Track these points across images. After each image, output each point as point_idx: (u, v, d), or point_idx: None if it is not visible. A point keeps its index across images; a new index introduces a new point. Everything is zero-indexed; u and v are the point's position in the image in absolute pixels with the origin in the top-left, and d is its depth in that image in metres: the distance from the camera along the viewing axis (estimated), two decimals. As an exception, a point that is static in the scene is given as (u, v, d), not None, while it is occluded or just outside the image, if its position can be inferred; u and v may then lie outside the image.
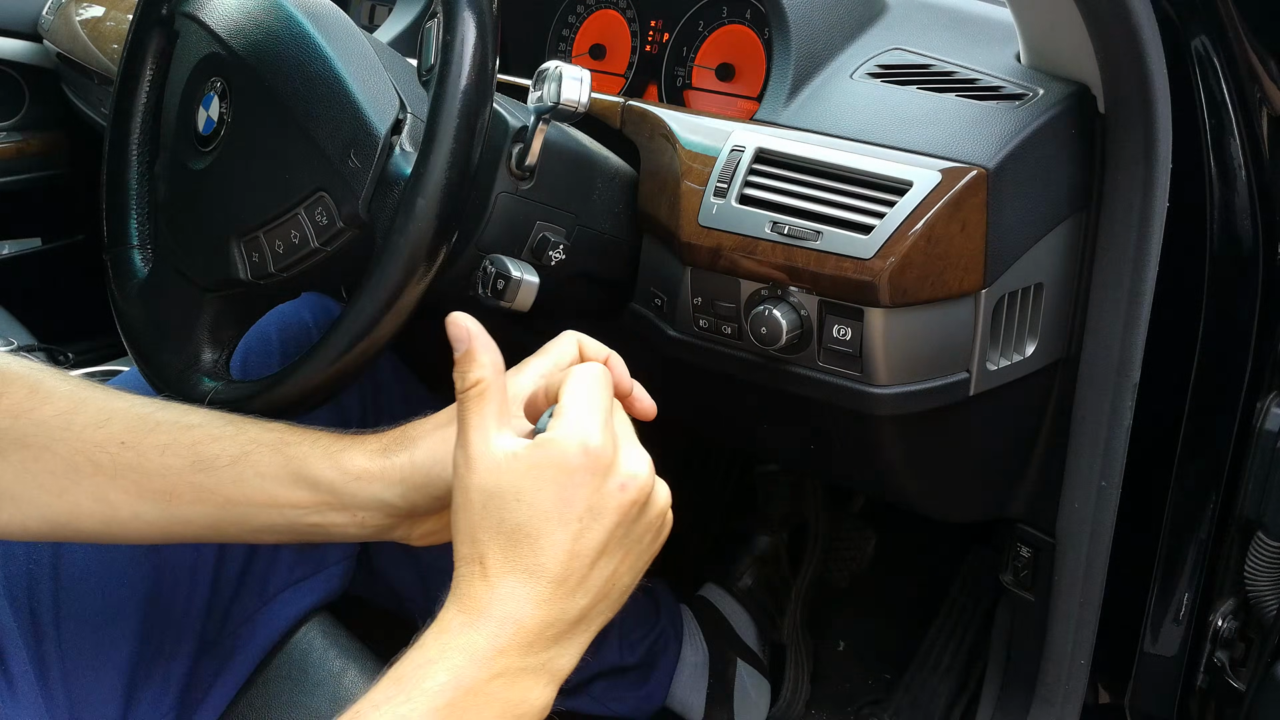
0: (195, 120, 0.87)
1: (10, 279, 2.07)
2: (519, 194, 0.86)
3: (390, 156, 0.76)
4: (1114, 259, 0.89)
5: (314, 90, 0.79)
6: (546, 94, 0.80)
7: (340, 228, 0.78)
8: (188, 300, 0.88)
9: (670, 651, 1.36)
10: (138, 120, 0.97)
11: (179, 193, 0.90)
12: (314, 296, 1.09)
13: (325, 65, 0.80)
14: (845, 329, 0.84)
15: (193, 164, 0.87)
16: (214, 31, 0.86)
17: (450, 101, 0.70)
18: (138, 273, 0.95)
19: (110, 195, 0.97)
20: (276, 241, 0.81)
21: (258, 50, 0.83)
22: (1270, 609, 0.93)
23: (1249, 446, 0.91)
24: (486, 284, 0.84)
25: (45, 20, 1.96)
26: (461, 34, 0.71)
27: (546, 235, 0.88)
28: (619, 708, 1.32)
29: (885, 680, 1.50)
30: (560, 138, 0.90)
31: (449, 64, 0.71)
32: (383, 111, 0.78)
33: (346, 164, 0.77)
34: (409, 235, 0.71)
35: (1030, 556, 1.06)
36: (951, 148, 0.84)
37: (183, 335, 0.88)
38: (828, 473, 1.26)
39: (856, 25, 0.99)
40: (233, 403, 0.81)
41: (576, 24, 1.20)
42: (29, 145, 2.04)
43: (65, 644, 0.85)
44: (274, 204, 0.81)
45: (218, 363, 0.88)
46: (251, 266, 0.83)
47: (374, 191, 0.76)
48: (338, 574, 1.02)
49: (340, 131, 0.78)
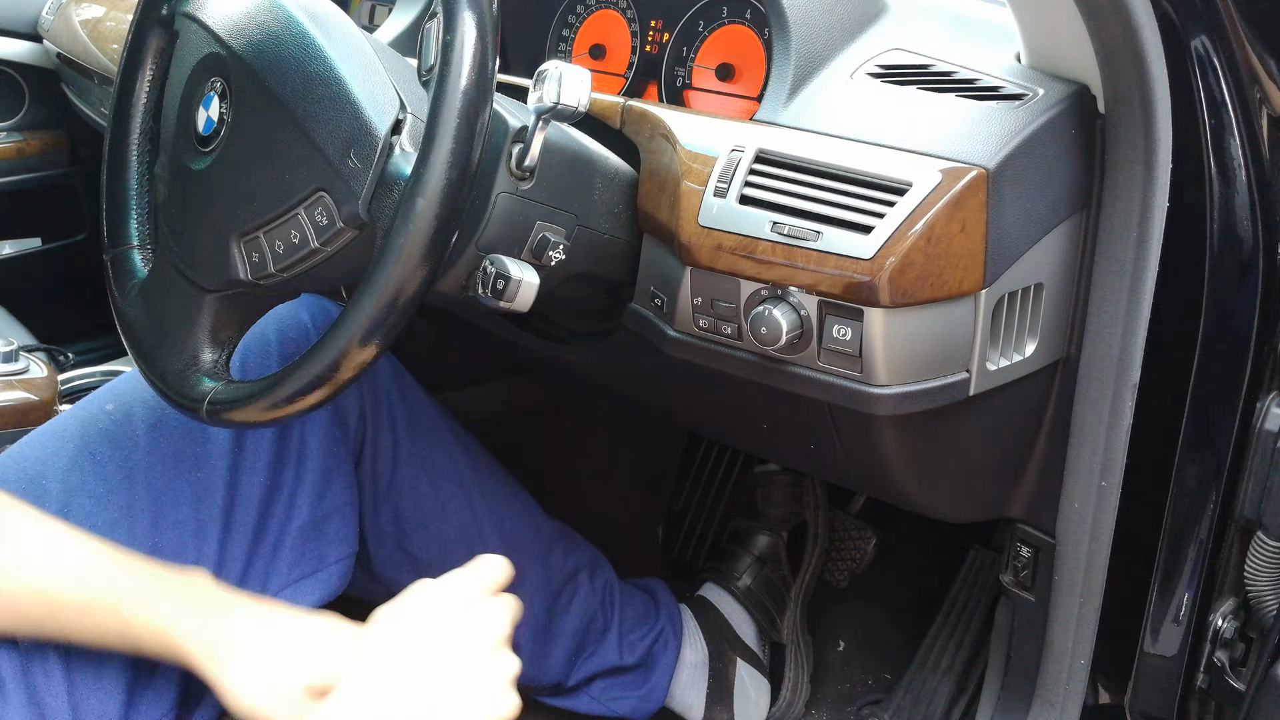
0: (195, 120, 0.87)
1: (10, 279, 2.07)
2: (519, 194, 0.86)
3: (390, 156, 0.76)
4: (1114, 259, 0.89)
5: (314, 90, 0.79)
6: (546, 94, 0.80)
7: (340, 228, 0.78)
8: (188, 300, 0.88)
9: (670, 651, 1.36)
10: (137, 121, 0.97)
11: (179, 193, 0.90)
12: (313, 298, 1.09)
13: (325, 65, 0.80)
14: (845, 329, 0.84)
15: (193, 164, 0.87)
16: (214, 32, 0.86)
17: (450, 101, 0.70)
18: (137, 273, 0.95)
19: (110, 195, 0.97)
20: (277, 242, 0.81)
21: (258, 50, 0.83)
22: (1270, 609, 0.93)
23: (1249, 446, 0.91)
24: (486, 284, 0.84)
25: (45, 20, 1.96)
26: (461, 34, 0.71)
27: (547, 235, 0.88)
28: (619, 707, 1.32)
29: (885, 680, 1.50)
30: (560, 138, 0.90)
31: (449, 64, 0.71)
32: (383, 112, 0.78)
33: (346, 164, 0.77)
34: (410, 235, 0.71)
35: (1030, 556, 1.06)
36: (951, 148, 0.84)
37: (182, 335, 0.88)
38: (828, 473, 1.26)
39: (856, 25, 0.99)
40: (232, 402, 0.81)
41: (576, 24, 1.20)
42: (29, 145, 2.04)
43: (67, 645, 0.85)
44: (274, 204, 0.81)
45: (217, 363, 0.88)
46: (251, 267, 0.83)
47: (374, 191, 0.76)
48: (337, 574, 1.02)
49: (340, 131, 0.78)
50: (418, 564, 1.15)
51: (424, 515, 1.14)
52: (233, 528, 0.96)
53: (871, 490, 1.27)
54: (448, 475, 1.16)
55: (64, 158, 2.10)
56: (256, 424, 0.80)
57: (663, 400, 1.21)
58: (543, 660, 1.24)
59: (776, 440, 1.13)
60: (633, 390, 1.20)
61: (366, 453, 1.10)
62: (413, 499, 1.13)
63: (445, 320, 1.27)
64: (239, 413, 0.80)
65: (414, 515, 1.14)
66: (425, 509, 1.14)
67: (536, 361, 1.24)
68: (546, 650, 1.24)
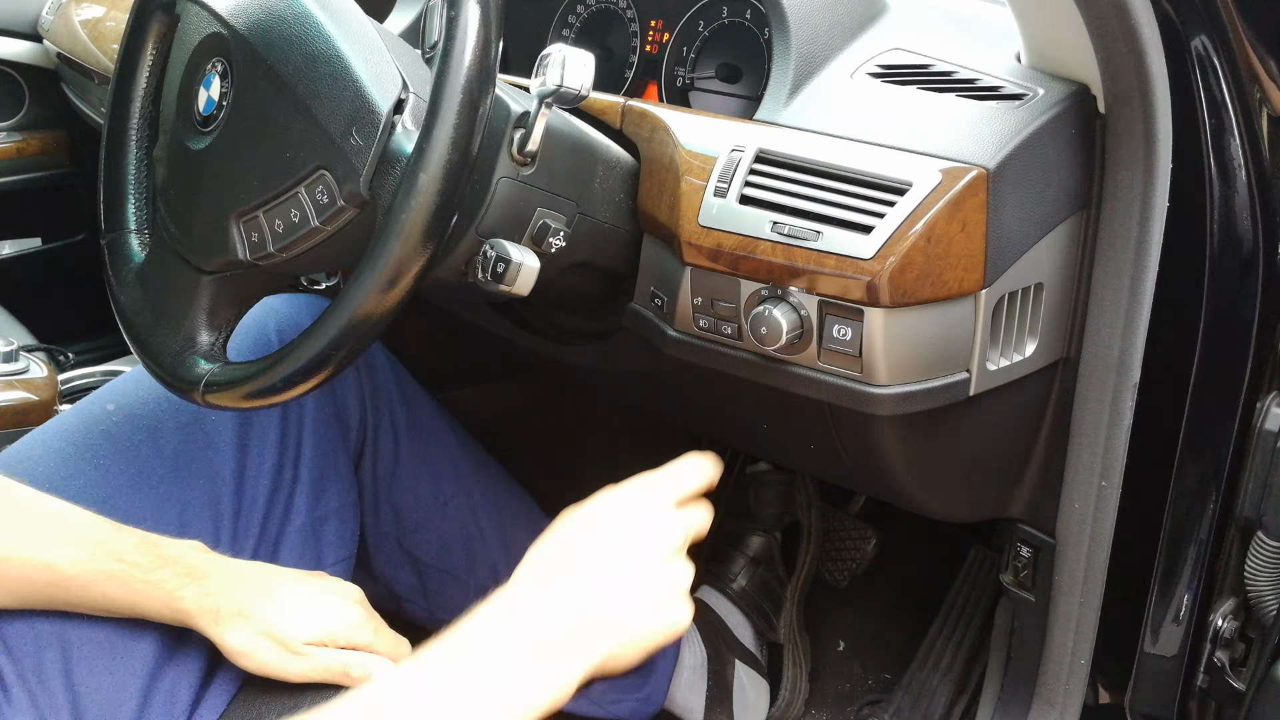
0: (196, 101, 0.87)
1: (10, 279, 2.07)
2: (520, 179, 0.86)
3: (392, 134, 0.76)
4: (1114, 259, 0.89)
5: (316, 69, 0.79)
6: (550, 78, 0.80)
7: (341, 206, 0.78)
8: (185, 283, 0.88)
9: (669, 654, 1.36)
10: (137, 105, 0.96)
11: (178, 174, 0.89)
12: (314, 299, 1.09)
13: (328, 43, 0.80)
14: (845, 329, 0.84)
15: (193, 144, 0.86)
16: (216, 12, 0.86)
17: (454, 76, 0.70)
18: (134, 257, 0.94)
19: (108, 180, 0.96)
20: (276, 221, 0.81)
21: (260, 29, 0.83)
22: (1270, 609, 0.93)
23: (1249, 446, 0.91)
24: (486, 268, 0.83)
25: (45, 20, 1.96)
26: (465, 10, 0.71)
27: (547, 222, 0.88)
28: (618, 710, 1.32)
29: (885, 680, 1.50)
30: (562, 124, 0.90)
31: (453, 39, 0.71)
32: (385, 90, 0.77)
33: (348, 141, 0.77)
34: (411, 211, 0.71)
35: (1030, 556, 1.06)
36: (951, 148, 0.84)
37: (179, 318, 0.88)
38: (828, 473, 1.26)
39: (856, 25, 0.99)
40: (229, 383, 0.81)
41: (576, 24, 1.20)
42: (29, 145, 2.04)
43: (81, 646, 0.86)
44: (274, 183, 0.80)
45: (214, 345, 0.87)
46: (250, 247, 0.82)
47: (376, 169, 0.75)
48: (337, 574, 1.02)
49: (342, 109, 0.77)
50: (418, 564, 1.15)
51: (424, 515, 1.14)
52: (238, 531, 0.96)
53: (871, 490, 1.27)
54: (448, 475, 1.16)
55: (64, 158, 2.10)
56: (253, 406, 0.80)
57: (662, 400, 1.21)
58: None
59: (776, 440, 1.13)
60: (633, 390, 1.20)
61: (366, 453, 1.10)
62: (413, 499, 1.13)
63: (445, 320, 1.27)
64: (234, 393, 0.80)
65: (414, 515, 1.14)
66: (425, 509, 1.15)
67: (536, 361, 1.24)
68: (546, 651, 1.24)
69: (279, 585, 0.89)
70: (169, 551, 0.87)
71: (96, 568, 0.84)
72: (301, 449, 1.01)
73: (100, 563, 0.84)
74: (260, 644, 0.86)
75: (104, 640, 0.87)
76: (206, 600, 0.86)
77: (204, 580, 0.86)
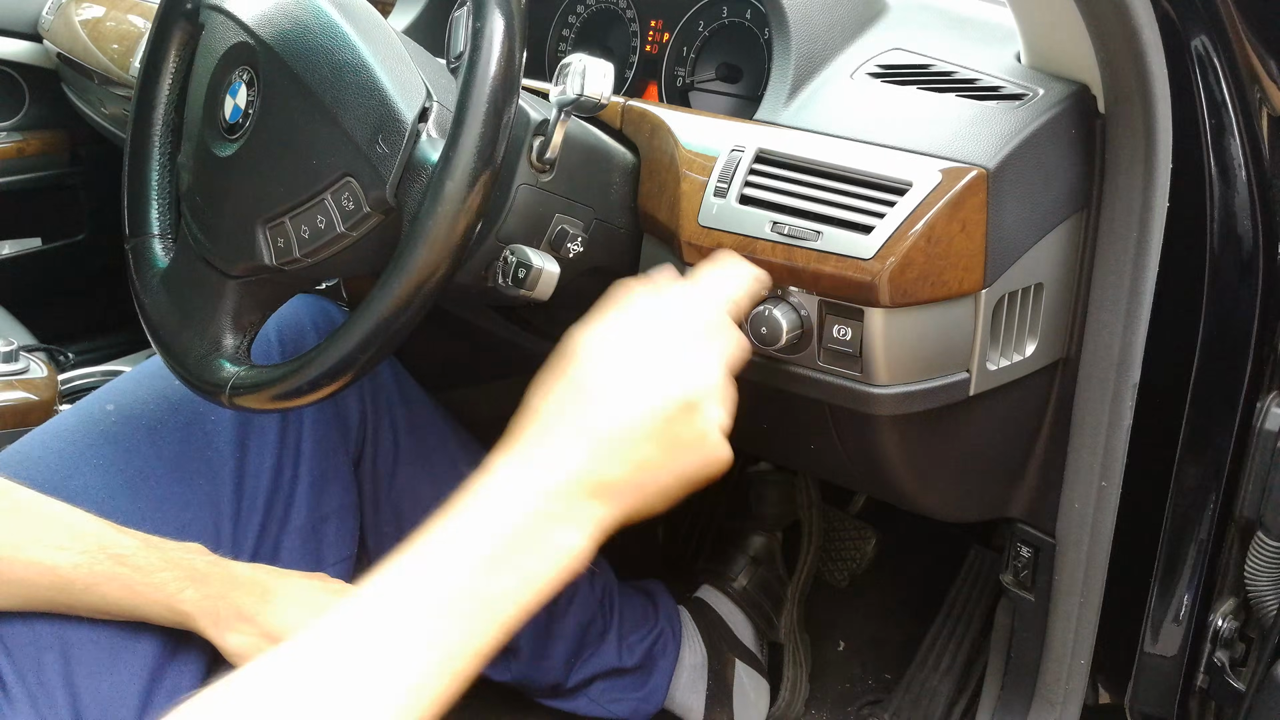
0: (222, 109, 0.88)
1: (10, 279, 2.06)
2: (539, 186, 0.87)
3: (418, 143, 0.77)
4: (1114, 259, 0.89)
5: (342, 78, 0.81)
6: (570, 87, 0.81)
7: (366, 212, 0.79)
8: (210, 287, 0.89)
9: (669, 653, 1.36)
10: (160, 112, 0.98)
11: (204, 180, 0.90)
12: (314, 300, 1.09)
13: (354, 54, 0.81)
14: (845, 329, 0.84)
15: (219, 151, 0.87)
16: (242, 22, 0.88)
17: (480, 85, 0.72)
18: (158, 262, 0.95)
19: (131, 186, 0.98)
20: (302, 227, 0.82)
21: (286, 39, 0.84)
22: (1270, 609, 0.93)
23: (1249, 446, 0.91)
24: (507, 273, 0.84)
25: (45, 20, 1.96)
26: (491, 21, 0.72)
27: (565, 228, 0.89)
28: (618, 709, 1.32)
29: (885, 680, 1.50)
30: (580, 132, 0.91)
31: (479, 50, 0.72)
32: (410, 98, 0.79)
33: (374, 149, 0.78)
34: (438, 217, 0.72)
35: (1030, 556, 1.06)
36: (951, 148, 0.84)
37: (205, 321, 0.89)
38: (828, 472, 1.26)
39: (856, 25, 0.99)
40: (256, 386, 0.82)
41: (576, 24, 1.20)
42: (29, 145, 2.04)
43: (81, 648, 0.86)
44: (300, 189, 0.82)
45: (240, 348, 0.88)
46: (276, 252, 0.84)
47: (401, 176, 0.77)
48: (337, 574, 1.02)
49: (368, 117, 0.79)
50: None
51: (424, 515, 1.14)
52: (238, 531, 0.96)
53: (871, 490, 1.27)
54: (448, 475, 1.16)
55: (64, 158, 2.10)
56: (280, 408, 0.81)
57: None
58: (541, 662, 1.24)
59: (776, 440, 1.13)
60: (633, 390, 1.20)
61: (366, 453, 1.10)
62: (413, 499, 1.13)
63: (445, 320, 1.27)
64: (261, 396, 0.81)
65: (414, 515, 1.13)
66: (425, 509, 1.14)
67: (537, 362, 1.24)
68: (545, 652, 1.24)
69: (279, 587, 0.89)
70: (170, 554, 0.87)
71: (97, 570, 0.84)
72: (301, 449, 1.01)
73: (101, 565, 0.84)
74: (261, 646, 0.86)
75: (104, 642, 0.87)
76: (207, 602, 0.86)
77: (205, 583, 0.87)
